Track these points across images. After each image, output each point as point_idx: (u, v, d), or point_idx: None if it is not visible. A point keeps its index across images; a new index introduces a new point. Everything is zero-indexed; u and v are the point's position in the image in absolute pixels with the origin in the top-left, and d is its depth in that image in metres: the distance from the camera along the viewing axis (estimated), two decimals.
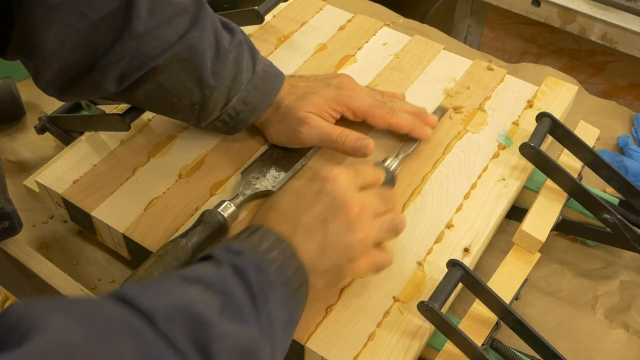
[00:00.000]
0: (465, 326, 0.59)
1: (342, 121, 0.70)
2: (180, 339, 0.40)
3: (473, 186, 0.69)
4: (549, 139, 0.72)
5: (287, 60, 0.83)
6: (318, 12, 0.90)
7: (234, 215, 0.64)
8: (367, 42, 0.85)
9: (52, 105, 0.88)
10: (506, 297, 0.61)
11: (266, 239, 0.51)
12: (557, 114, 0.74)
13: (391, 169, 0.66)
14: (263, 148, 0.73)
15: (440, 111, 0.75)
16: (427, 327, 0.58)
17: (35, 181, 0.71)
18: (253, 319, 0.46)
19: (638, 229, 0.65)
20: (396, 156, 0.68)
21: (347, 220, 0.54)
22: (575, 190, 0.66)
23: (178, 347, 0.40)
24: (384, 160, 0.67)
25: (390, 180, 0.66)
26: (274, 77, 0.69)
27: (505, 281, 0.62)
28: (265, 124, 0.70)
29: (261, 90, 0.68)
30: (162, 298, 0.43)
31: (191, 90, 0.64)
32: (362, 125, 0.71)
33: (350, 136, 0.67)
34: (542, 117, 0.70)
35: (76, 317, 0.38)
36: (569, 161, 0.71)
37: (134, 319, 0.40)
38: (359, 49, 0.85)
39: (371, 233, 0.56)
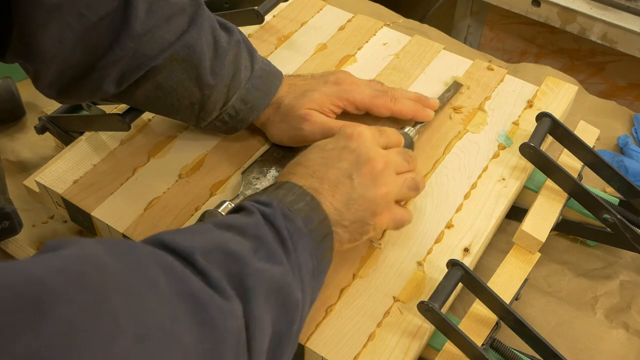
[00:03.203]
0: (465, 326, 0.59)
1: (346, 115, 0.71)
2: (217, 274, 0.41)
3: (473, 186, 0.69)
4: (549, 139, 0.72)
5: (287, 60, 0.83)
6: (318, 12, 0.90)
7: None
8: (367, 42, 0.85)
9: (52, 105, 0.88)
10: (506, 297, 0.61)
11: (292, 192, 0.53)
12: (557, 114, 0.74)
13: (410, 135, 0.70)
14: (263, 148, 0.73)
15: (455, 87, 0.77)
16: (427, 327, 0.58)
17: (35, 181, 0.71)
18: (285, 260, 0.48)
19: (638, 229, 0.65)
20: (414, 126, 0.72)
21: (371, 176, 0.57)
22: (575, 190, 0.66)
23: (214, 282, 0.41)
24: (402, 128, 0.70)
25: (410, 145, 0.69)
26: (273, 75, 0.69)
27: (505, 281, 0.62)
28: (266, 124, 0.70)
29: (260, 89, 0.68)
30: (197, 239, 0.44)
31: (190, 90, 0.64)
32: (365, 116, 0.72)
33: (350, 126, 0.67)
34: (542, 117, 0.70)
35: (110, 248, 0.38)
36: (569, 161, 0.71)
37: (169, 256, 0.41)
38: (359, 49, 0.85)
39: (394, 189, 0.58)
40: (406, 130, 0.70)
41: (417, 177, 0.61)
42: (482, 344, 0.58)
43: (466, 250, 0.64)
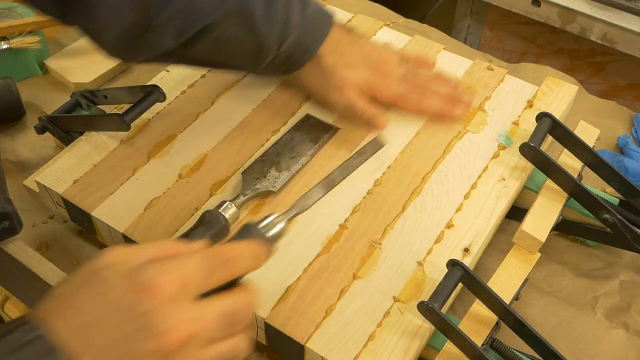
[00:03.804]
0: (465, 326, 0.59)
1: None
2: None
3: (473, 186, 0.69)
4: (549, 139, 0.72)
5: None
6: None
7: (235, 216, 0.64)
8: None
9: (52, 105, 0.88)
10: (506, 297, 0.61)
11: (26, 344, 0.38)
12: (557, 114, 0.74)
13: (269, 234, 0.49)
14: (263, 148, 0.73)
15: (374, 145, 0.65)
16: (427, 327, 0.58)
17: (35, 181, 0.71)
18: None
19: (638, 229, 0.65)
20: (285, 213, 0.54)
21: (160, 356, 0.39)
22: (575, 190, 0.66)
23: None
24: (266, 218, 0.50)
25: (270, 249, 0.49)
26: (324, 18, 0.72)
27: (505, 281, 0.62)
28: (302, 74, 0.74)
29: (312, 32, 0.71)
30: None
31: (245, 40, 0.67)
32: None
33: (369, 112, 0.73)
34: (542, 117, 0.70)
35: None
36: (569, 161, 0.71)
37: None
38: None
39: None
40: (267, 221, 0.50)
41: (238, 347, 0.43)
42: (482, 344, 0.58)
43: (466, 250, 0.64)
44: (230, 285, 0.44)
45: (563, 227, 0.72)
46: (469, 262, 0.63)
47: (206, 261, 0.42)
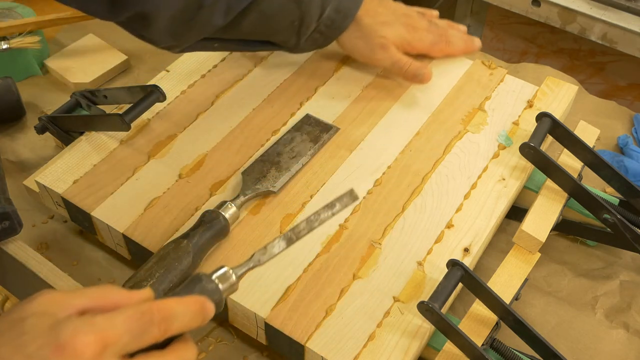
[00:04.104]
0: (465, 326, 0.59)
1: None
2: None
3: (473, 186, 0.69)
4: (549, 139, 0.72)
5: (287, 60, 0.83)
6: None
7: (235, 216, 0.64)
8: None
9: (52, 105, 0.88)
10: (506, 297, 0.61)
11: None
12: (557, 114, 0.74)
13: (220, 287, 0.47)
14: (263, 148, 0.73)
15: (347, 198, 0.54)
16: (427, 327, 0.58)
17: (35, 181, 0.71)
18: None
19: (638, 229, 0.65)
20: (239, 266, 0.49)
21: None
22: (575, 190, 0.66)
23: None
24: (219, 269, 0.48)
25: (218, 304, 0.47)
26: None
27: (505, 281, 0.62)
28: (344, 39, 0.78)
29: None
30: None
31: (291, 10, 0.70)
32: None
33: (414, 64, 0.77)
34: (542, 117, 0.70)
35: None
36: (569, 161, 0.71)
37: None
38: None
39: None
40: (219, 273, 0.48)
41: None
42: (482, 344, 0.58)
43: (466, 250, 0.64)
44: (170, 340, 0.42)
45: (563, 227, 0.72)
46: (469, 262, 0.63)
47: (140, 319, 0.40)
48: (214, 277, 0.47)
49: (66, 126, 0.77)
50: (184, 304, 0.43)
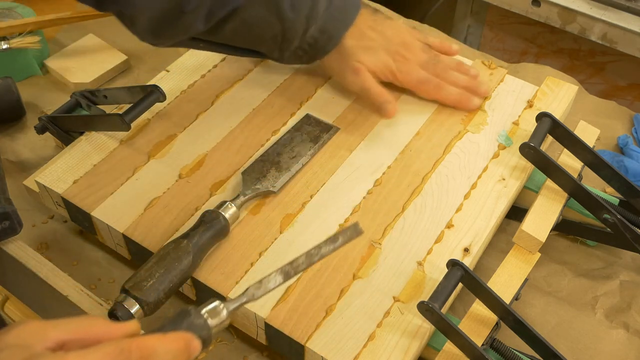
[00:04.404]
0: (465, 326, 0.59)
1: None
2: None
3: (473, 186, 0.69)
4: (549, 139, 0.72)
5: None
6: None
7: (235, 216, 0.64)
8: None
9: (52, 105, 0.88)
10: (506, 297, 0.61)
11: None
12: (557, 114, 0.74)
13: (209, 322, 0.46)
14: (263, 148, 0.73)
15: (351, 232, 0.52)
16: (427, 327, 0.58)
17: (35, 181, 0.71)
18: None
19: (638, 229, 0.65)
20: (232, 300, 0.48)
21: None
22: (575, 190, 0.66)
23: None
24: (210, 303, 0.47)
25: (206, 339, 0.45)
26: (351, 6, 0.73)
27: (505, 281, 0.62)
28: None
29: (337, 19, 0.72)
30: None
31: (272, 24, 0.69)
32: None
33: (381, 96, 0.74)
34: (542, 117, 0.70)
35: None
36: (569, 161, 0.71)
37: None
38: None
39: None
40: (208, 308, 0.46)
41: None
42: (482, 344, 0.58)
43: (466, 250, 0.64)
44: None
45: (563, 227, 0.72)
46: (469, 262, 0.63)
47: (116, 358, 0.38)
48: (203, 311, 0.45)
49: (66, 126, 0.77)
50: (167, 341, 0.41)
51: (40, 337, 0.39)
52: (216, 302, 0.46)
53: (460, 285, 0.59)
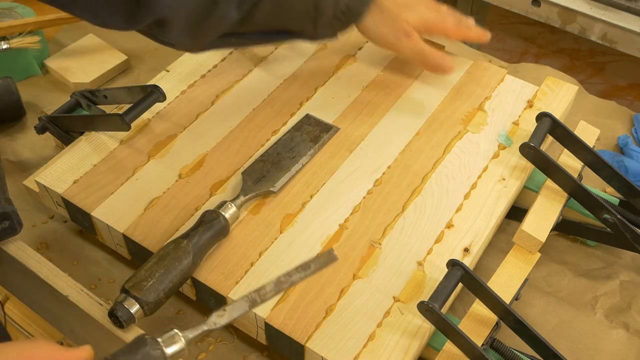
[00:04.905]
0: (465, 326, 0.59)
1: None
2: None
3: (473, 186, 0.69)
4: (549, 139, 0.72)
5: (287, 60, 0.83)
6: None
7: (235, 216, 0.64)
8: (367, 42, 0.85)
9: (52, 105, 0.88)
10: (506, 297, 0.61)
11: None
12: (557, 114, 0.74)
13: (167, 352, 0.45)
14: (263, 148, 0.73)
15: (325, 259, 0.52)
16: (427, 327, 0.58)
17: (35, 181, 0.71)
18: None
19: (638, 229, 0.65)
20: (191, 329, 0.48)
21: None
22: (575, 190, 0.66)
23: None
24: (169, 331, 0.47)
25: None
26: None
27: (505, 281, 0.62)
28: (365, 23, 0.74)
29: None
30: None
31: None
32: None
33: (437, 55, 0.76)
34: (542, 117, 0.70)
35: None
36: (569, 161, 0.71)
37: None
38: (359, 49, 0.85)
39: None
40: (167, 335, 0.47)
41: None
42: (482, 344, 0.58)
43: (466, 250, 0.64)
44: None
45: (563, 227, 0.72)
46: (469, 262, 0.63)
47: None
48: (160, 340, 0.45)
49: (66, 126, 0.77)
50: None
51: None
52: (174, 331, 0.46)
53: (460, 285, 0.59)
